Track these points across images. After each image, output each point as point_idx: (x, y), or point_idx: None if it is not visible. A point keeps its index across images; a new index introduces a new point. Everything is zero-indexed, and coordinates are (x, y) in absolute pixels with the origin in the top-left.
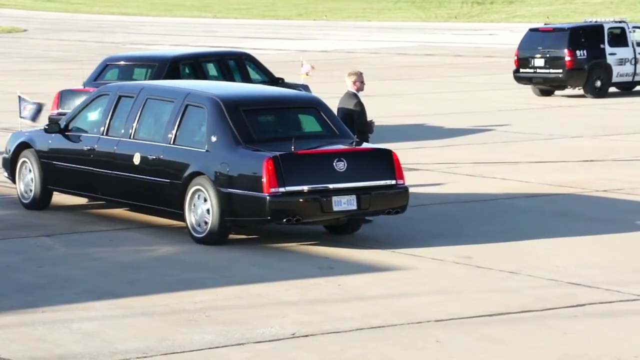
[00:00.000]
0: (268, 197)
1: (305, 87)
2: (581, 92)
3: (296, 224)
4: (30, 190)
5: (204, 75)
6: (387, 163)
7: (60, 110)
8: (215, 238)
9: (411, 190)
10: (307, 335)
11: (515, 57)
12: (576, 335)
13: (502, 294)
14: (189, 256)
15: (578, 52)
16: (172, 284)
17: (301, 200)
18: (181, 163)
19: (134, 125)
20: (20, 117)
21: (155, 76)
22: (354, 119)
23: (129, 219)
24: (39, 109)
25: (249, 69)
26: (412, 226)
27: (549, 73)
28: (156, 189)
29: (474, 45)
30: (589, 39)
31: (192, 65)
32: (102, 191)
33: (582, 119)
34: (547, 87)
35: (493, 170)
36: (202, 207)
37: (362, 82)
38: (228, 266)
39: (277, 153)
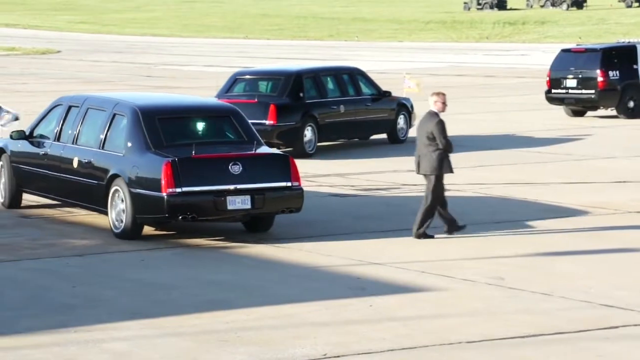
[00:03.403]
0: (165, 196)
1: (407, 101)
2: (614, 112)
3: (192, 221)
4: (6, 191)
5: (323, 87)
6: (283, 167)
7: None
8: (130, 234)
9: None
10: (338, 356)
11: (548, 78)
12: (610, 358)
13: (535, 316)
14: (219, 276)
15: (611, 73)
16: (203, 303)
17: (196, 199)
18: (105, 166)
19: (76, 131)
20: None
21: (281, 88)
22: (436, 137)
23: (160, 238)
24: (16, 118)
25: (360, 83)
26: (444, 247)
27: (581, 94)
28: (89, 189)
29: (506, 65)
30: (622, 60)
31: (313, 78)
32: (54, 192)
33: (615, 139)
34: (579, 108)
35: (525, 191)
36: (120, 206)
37: (444, 103)
38: (259, 286)
39: (176, 157)
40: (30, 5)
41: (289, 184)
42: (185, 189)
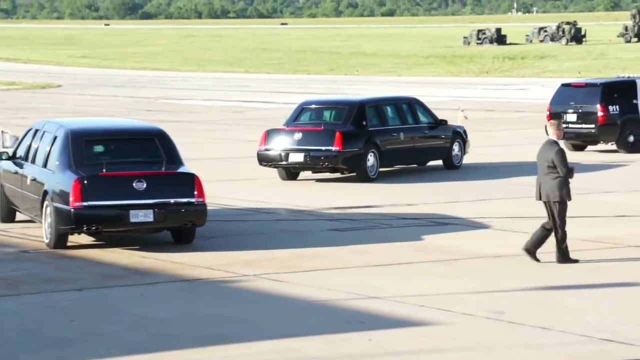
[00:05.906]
0: (72, 210)
1: (461, 129)
2: (614, 147)
3: (97, 232)
4: (2, 209)
5: (384, 116)
6: (187, 184)
7: (267, 147)
8: (55, 243)
9: (445, 244)
10: None
11: (548, 112)
12: None
13: (534, 350)
14: (219, 310)
15: (610, 108)
16: (203, 338)
17: (101, 212)
18: (42, 183)
19: (34, 152)
20: (4, 147)
21: (345, 117)
22: (556, 165)
23: (159, 272)
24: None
25: (418, 112)
26: (444, 281)
27: (582, 128)
28: (34, 204)
29: (505, 100)
30: (622, 95)
31: (375, 107)
32: (21, 207)
33: (614, 174)
34: (579, 142)
35: (526, 225)
36: (49, 218)
37: (561, 130)
38: (259, 321)
39: (84, 174)
40: (31, 40)
41: (192, 200)
42: (91, 202)
